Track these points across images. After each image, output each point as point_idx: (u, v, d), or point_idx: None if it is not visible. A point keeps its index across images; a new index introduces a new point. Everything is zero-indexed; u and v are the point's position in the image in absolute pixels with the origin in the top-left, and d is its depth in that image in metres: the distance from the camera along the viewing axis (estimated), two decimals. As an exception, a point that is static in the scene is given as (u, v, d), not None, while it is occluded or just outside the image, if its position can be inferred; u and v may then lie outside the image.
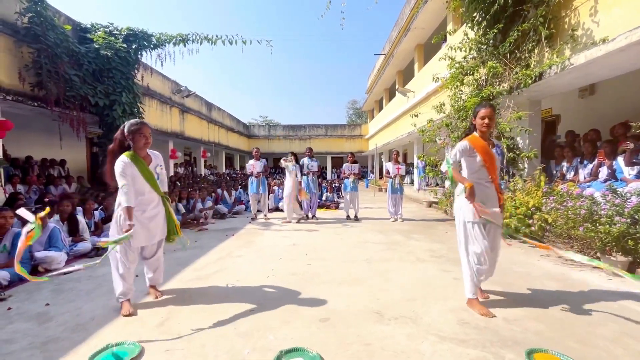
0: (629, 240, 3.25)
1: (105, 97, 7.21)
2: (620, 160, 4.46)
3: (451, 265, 3.73)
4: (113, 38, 7.46)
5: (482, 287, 2.78)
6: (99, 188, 7.57)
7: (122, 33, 7.70)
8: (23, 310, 2.63)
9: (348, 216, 7.35)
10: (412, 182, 14.51)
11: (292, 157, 6.99)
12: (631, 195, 3.49)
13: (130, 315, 2.49)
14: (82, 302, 2.79)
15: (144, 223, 2.66)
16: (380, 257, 4.13)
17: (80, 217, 4.52)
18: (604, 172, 4.70)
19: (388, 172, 7.10)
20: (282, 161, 7.08)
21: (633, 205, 3.33)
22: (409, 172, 14.92)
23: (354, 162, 7.38)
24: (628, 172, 4.29)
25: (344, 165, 7.40)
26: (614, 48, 3.57)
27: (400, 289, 3.03)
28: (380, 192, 14.79)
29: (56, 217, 4.34)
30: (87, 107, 7.00)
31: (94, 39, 7.23)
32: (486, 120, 2.50)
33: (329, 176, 25.48)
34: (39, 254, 3.57)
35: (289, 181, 6.88)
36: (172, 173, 12.14)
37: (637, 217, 3.29)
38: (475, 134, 2.58)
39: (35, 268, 3.54)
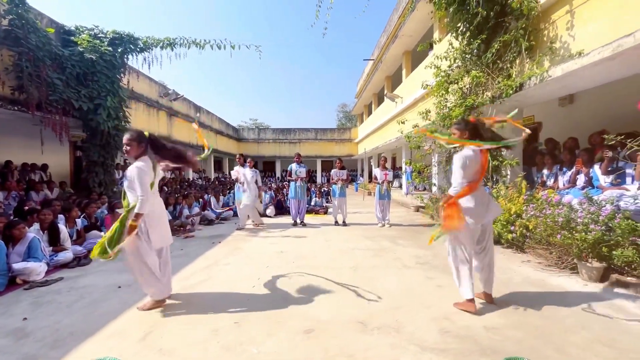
0: (603, 247, 3.38)
1: (90, 101, 7.08)
2: (596, 168, 4.62)
3: (435, 272, 3.80)
4: (98, 41, 7.35)
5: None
6: (82, 194, 7.40)
7: (108, 36, 7.59)
8: (-1, 325, 2.56)
9: (336, 222, 7.39)
10: (400, 186, 14.68)
11: (240, 158, 7.18)
12: (606, 203, 3.63)
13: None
14: (61, 315, 2.73)
15: (159, 224, 2.86)
16: (367, 264, 4.17)
17: (62, 226, 4.41)
18: (581, 179, 4.86)
19: (376, 178, 7.17)
20: (234, 173, 7.06)
21: (607, 213, 3.46)
22: (397, 177, 15.09)
23: (342, 167, 7.43)
24: (604, 180, 4.45)
25: (332, 171, 7.45)
26: (588, 62, 3.72)
27: (385, 297, 3.07)
28: (369, 196, 14.88)
29: (36, 225, 4.23)
30: (70, 111, 6.86)
31: (78, 42, 7.10)
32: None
33: (318, 179, 25.52)
34: (17, 265, 3.47)
35: (247, 190, 6.89)
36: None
37: (611, 224, 3.42)
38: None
39: (14, 280, 3.45)
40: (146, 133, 2.81)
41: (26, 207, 5.03)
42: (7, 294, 3.21)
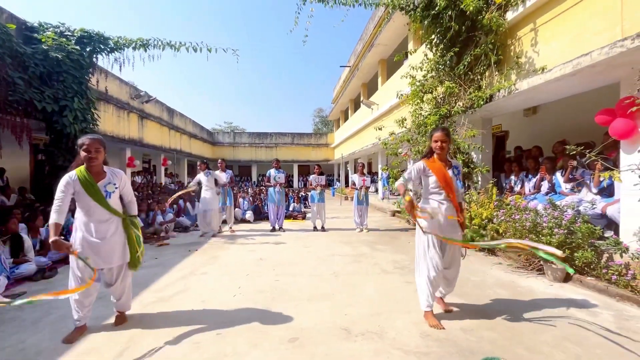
0: (566, 249, 3.63)
1: (55, 102, 6.67)
2: (559, 175, 4.97)
3: (413, 276, 3.88)
4: (64, 39, 6.95)
5: (445, 300, 2.94)
6: (44, 200, 6.94)
7: (75, 34, 7.20)
8: (-46, 347, 2.34)
9: (315, 227, 7.40)
10: (376, 191, 14.95)
11: (222, 163, 7.17)
12: (567, 208, 3.91)
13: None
14: (26, 334, 2.54)
15: (92, 245, 2.47)
16: (347, 271, 4.22)
17: (25, 236, 4.12)
18: (545, 185, 5.20)
19: (354, 184, 7.28)
20: (199, 178, 6.95)
21: (569, 218, 3.73)
22: (373, 182, 15.36)
23: (321, 173, 7.48)
24: (565, 186, 4.79)
25: (311, 176, 7.47)
26: (551, 77, 4.00)
27: (366, 303, 3.12)
28: (346, 200, 15.05)
29: (-6, 236, 3.93)
30: (32, 113, 6.42)
31: (43, 40, 6.69)
32: (439, 143, 2.71)
33: (295, 184, 25.46)
34: (-27, 280, 3.20)
35: (207, 193, 6.81)
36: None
37: (572, 228, 3.69)
38: (434, 156, 2.77)
39: (-32, 296, 3.17)
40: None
41: (-18, 216, 4.63)
42: (-40, 312, 2.95)
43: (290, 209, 9.74)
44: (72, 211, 5.76)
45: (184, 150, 17.93)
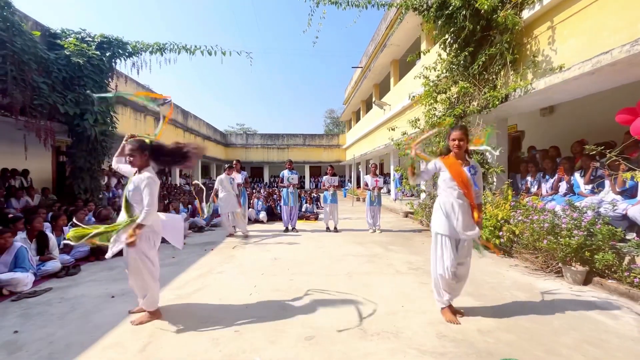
0: (586, 252, 3.56)
1: (76, 105, 6.92)
2: (577, 175, 4.86)
3: (428, 277, 3.85)
4: (85, 45, 7.21)
5: (453, 303, 2.92)
6: (66, 200, 7.19)
7: (96, 40, 7.46)
8: (-11, 339, 2.47)
9: (328, 228, 7.43)
10: (388, 192, 14.87)
11: (238, 164, 7.24)
12: (587, 210, 3.83)
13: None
14: (54, 327, 2.66)
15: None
16: (361, 270, 4.23)
17: (50, 234, 4.29)
18: (563, 186, 5.09)
19: (367, 185, 7.28)
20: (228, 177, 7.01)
21: (589, 219, 3.65)
22: (385, 182, 15.28)
23: (334, 174, 7.50)
24: (584, 187, 4.68)
25: (324, 177, 7.51)
26: (569, 76, 3.93)
27: (381, 303, 3.13)
28: (358, 201, 15.02)
29: (22, 234, 4.10)
30: (55, 116, 6.68)
31: (65, 45, 6.95)
32: (456, 142, 2.73)
33: (306, 185, 25.55)
34: (4, 276, 3.35)
35: (230, 194, 6.88)
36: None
37: (592, 230, 3.61)
38: (451, 154, 2.78)
39: (0, 291, 3.33)
40: (148, 140, 2.79)
41: (10, 215, 4.85)
42: (-7, 306, 3.10)
43: (303, 209, 9.80)
44: (97, 209, 5.91)
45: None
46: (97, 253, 4.83)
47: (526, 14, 4.78)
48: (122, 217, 2.69)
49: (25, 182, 8.50)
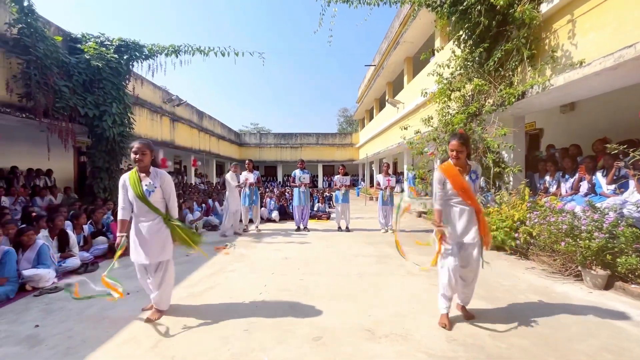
0: (608, 255, 3.41)
1: (95, 107, 7.16)
2: (599, 175, 4.66)
3: (440, 279, 3.82)
4: (104, 49, 7.44)
5: (470, 303, 2.86)
6: (87, 199, 7.46)
7: (114, 44, 7.69)
8: (12, 333, 2.59)
9: (339, 227, 7.42)
10: (402, 192, 14.69)
11: (250, 164, 7.28)
12: (609, 211, 3.66)
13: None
14: (72, 322, 2.76)
15: (135, 240, 2.77)
16: (372, 271, 4.20)
17: (71, 232, 4.46)
18: (584, 186, 4.90)
19: (379, 184, 7.22)
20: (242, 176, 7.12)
21: (611, 221, 3.50)
22: (399, 182, 15.11)
23: (346, 174, 7.48)
24: (606, 187, 4.49)
25: (336, 177, 7.50)
26: (590, 72, 3.77)
27: (391, 304, 3.10)
28: (371, 201, 14.92)
29: (44, 232, 4.28)
30: (76, 118, 6.93)
31: (85, 50, 7.20)
32: (454, 153, 2.68)
33: (319, 184, 25.57)
34: (27, 272, 3.51)
35: (235, 192, 6.96)
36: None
37: (614, 232, 3.46)
38: (450, 161, 2.74)
39: (23, 286, 3.48)
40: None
41: (34, 214, 5.07)
42: (17, 301, 3.25)
43: (315, 209, 9.82)
44: (111, 210, 6.14)
45: (212, 152, 18.56)
46: (113, 251, 4.98)
47: (544, 7, 4.61)
48: (152, 216, 2.77)
49: (49, 181, 8.87)
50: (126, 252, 2.80)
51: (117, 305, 3.11)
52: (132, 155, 2.72)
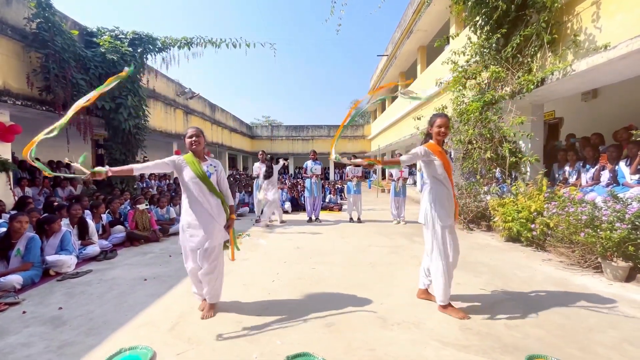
0: (630, 246, 3.29)
1: (112, 100, 7.31)
2: (622, 164, 4.48)
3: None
4: (119, 42, 7.55)
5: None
6: (105, 190, 7.67)
7: (128, 37, 7.79)
8: (37, 314, 2.71)
9: (351, 218, 7.41)
10: (414, 183, 14.53)
11: (263, 154, 7.27)
12: (632, 201, 3.53)
13: None
14: (94, 305, 2.87)
15: (192, 224, 2.60)
16: (385, 261, 4.19)
17: (90, 221, 4.60)
18: (605, 176, 4.73)
19: (391, 175, 7.15)
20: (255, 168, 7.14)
21: (634, 211, 3.37)
22: (411, 173, 14.94)
23: (357, 165, 7.42)
24: (630, 177, 4.32)
25: (348, 168, 7.47)
26: (615, 55, 3.60)
27: (404, 293, 3.09)
28: (383, 192, 14.83)
29: (65, 220, 4.43)
30: (93, 111, 7.10)
31: (100, 43, 7.33)
32: (442, 129, 2.66)
33: (331, 176, 25.55)
34: (51, 258, 3.65)
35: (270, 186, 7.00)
36: (176, 174, 12.26)
37: (637, 222, 3.33)
38: (431, 141, 2.72)
39: (47, 271, 3.63)
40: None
41: (55, 203, 5.25)
42: (42, 285, 3.39)
43: (327, 200, 9.83)
44: (132, 199, 6.28)
45: (224, 144, 18.74)
46: (131, 239, 5.14)
47: (567, -11, 4.41)
48: (214, 198, 2.66)
49: (69, 172, 9.15)
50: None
51: (135, 290, 3.21)
52: (187, 141, 2.65)
